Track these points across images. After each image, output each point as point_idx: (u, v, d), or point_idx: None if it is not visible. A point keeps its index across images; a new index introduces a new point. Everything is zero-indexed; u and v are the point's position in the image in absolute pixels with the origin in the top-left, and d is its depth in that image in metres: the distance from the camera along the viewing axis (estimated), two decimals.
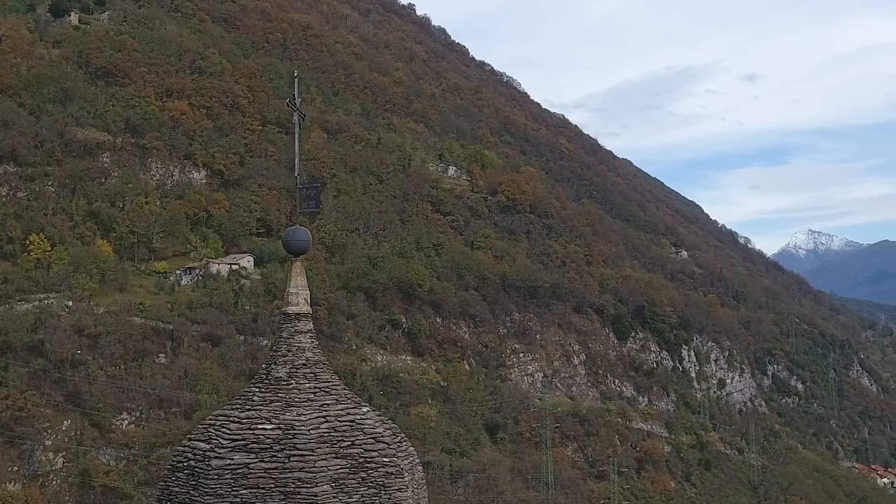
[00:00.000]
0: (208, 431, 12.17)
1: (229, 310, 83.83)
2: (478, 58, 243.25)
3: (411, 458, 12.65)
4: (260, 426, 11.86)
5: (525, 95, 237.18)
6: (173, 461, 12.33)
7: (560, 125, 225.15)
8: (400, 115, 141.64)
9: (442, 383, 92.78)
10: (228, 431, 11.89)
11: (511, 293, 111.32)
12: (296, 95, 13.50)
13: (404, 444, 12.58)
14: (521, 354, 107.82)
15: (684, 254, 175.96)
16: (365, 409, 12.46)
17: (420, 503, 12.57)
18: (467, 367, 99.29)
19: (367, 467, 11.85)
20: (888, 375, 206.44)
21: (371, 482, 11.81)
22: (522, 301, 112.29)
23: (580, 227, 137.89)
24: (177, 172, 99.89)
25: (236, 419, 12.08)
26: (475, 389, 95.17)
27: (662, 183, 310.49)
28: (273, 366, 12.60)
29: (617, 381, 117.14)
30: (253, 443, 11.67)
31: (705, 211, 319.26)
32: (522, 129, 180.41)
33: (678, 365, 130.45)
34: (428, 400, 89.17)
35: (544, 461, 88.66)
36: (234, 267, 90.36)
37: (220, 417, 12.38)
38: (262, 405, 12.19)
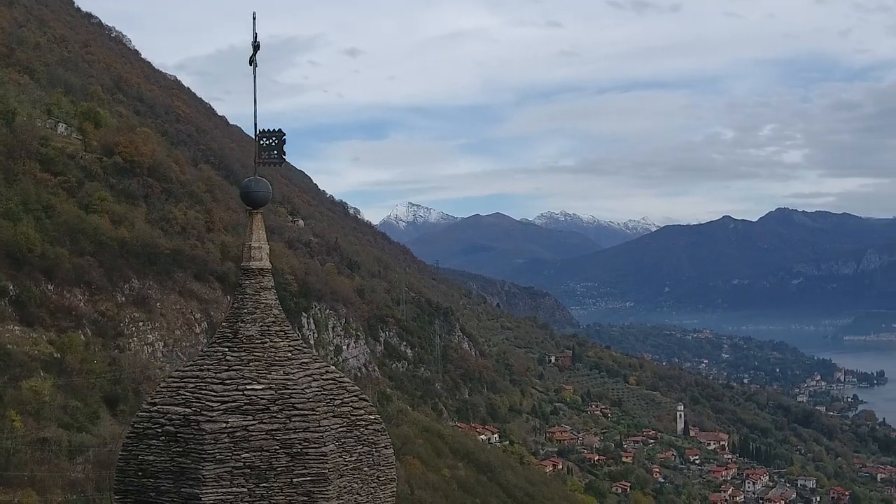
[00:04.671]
0: (181, 394, 11.31)
1: None
2: (84, 9, 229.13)
3: None
4: (248, 387, 11.18)
5: (136, 53, 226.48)
6: (138, 429, 11.55)
7: (174, 87, 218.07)
8: (1, 65, 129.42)
9: (56, 354, 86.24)
10: (214, 393, 11.09)
11: (130, 259, 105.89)
12: (255, 35, 12.41)
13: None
14: (141, 323, 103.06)
15: (301, 223, 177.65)
16: (332, 367, 11.86)
17: None
18: (83, 336, 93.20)
19: (358, 425, 11.72)
20: (484, 340, 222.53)
21: (364, 440, 11.73)
22: (142, 268, 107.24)
23: (200, 192, 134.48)
24: None
25: (216, 380, 11.27)
26: (92, 360, 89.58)
27: None
28: (240, 324, 11.98)
29: None
30: (246, 404, 11.07)
31: (314, 181, 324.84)
32: (136, 88, 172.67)
33: (298, 332, 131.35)
34: (41, 373, 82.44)
35: None
36: None
37: (189, 380, 11.46)
38: (240, 365, 11.47)
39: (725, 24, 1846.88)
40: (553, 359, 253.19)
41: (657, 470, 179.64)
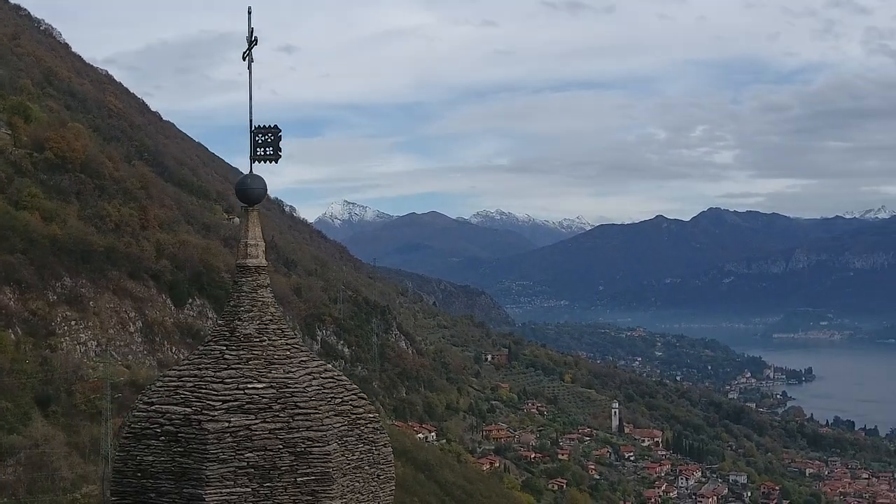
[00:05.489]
0: (179, 393, 11.13)
1: None
2: (11, 0, 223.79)
3: None
4: (249, 386, 11.09)
5: (66, 47, 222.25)
6: (136, 429, 11.35)
7: (105, 81, 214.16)
8: None
9: None
10: (214, 393, 10.96)
11: (62, 257, 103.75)
12: (251, 30, 12.51)
13: None
14: (73, 322, 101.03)
15: (237, 220, 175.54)
16: (330, 365, 11.65)
17: None
18: (13, 336, 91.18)
19: (358, 423, 11.75)
20: (421, 338, 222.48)
21: (365, 438, 11.76)
22: (74, 266, 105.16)
23: (134, 189, 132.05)
24: None
25: (216, 379, 11.11)
26: (23, 360, 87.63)
27: (206, 147, 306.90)
28: (237, 322, 11.78)
29: (175, 349, 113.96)
30: (248, 403, 10.99)
31: None
32: (67, 82, 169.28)
33: None
34: None
35: (103, 433, 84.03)
36: None
37: (187, 379, 11.24)
38: (239, 364, 11.33)
39: (658, 26, 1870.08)
40: (489, 357, 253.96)
41: (593, 467, 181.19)
